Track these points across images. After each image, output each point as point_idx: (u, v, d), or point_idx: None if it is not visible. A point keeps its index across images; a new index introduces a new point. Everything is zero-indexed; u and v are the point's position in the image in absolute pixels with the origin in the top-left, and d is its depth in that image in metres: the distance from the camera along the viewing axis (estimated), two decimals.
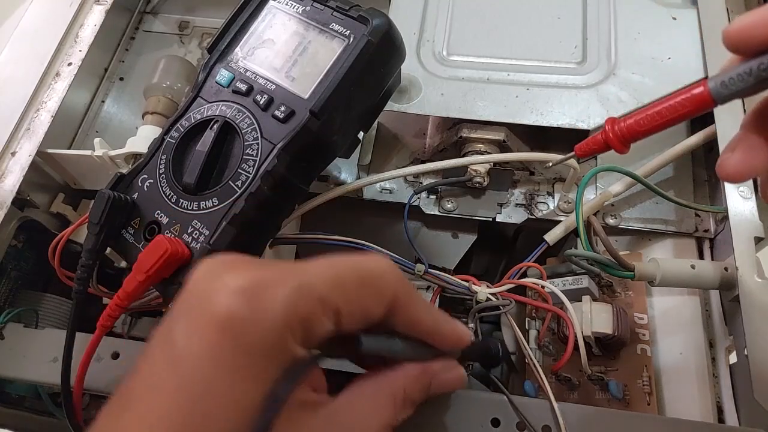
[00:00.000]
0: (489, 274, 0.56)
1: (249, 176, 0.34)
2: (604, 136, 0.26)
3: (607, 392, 0.38)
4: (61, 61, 0.51)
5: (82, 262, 0.35)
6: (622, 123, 0.26)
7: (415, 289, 0.28)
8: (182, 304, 0.23)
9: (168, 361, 0.22)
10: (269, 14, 0.39)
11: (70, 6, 0.54)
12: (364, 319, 0.25)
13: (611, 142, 0.26)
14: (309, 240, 0.40)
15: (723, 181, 0.25)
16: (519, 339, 0.38)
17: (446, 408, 0.34)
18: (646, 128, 0.25)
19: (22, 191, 0.45)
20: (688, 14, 0.47)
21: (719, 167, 0.24)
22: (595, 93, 0.44)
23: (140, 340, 0.51)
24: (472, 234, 0.48)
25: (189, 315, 0.22)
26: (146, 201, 0.36)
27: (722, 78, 0.23)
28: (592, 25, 0.48)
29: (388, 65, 0.37)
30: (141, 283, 0.32)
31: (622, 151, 0.26)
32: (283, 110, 0.35)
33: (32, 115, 0.48)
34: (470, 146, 0.44)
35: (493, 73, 0.46)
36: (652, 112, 0.25)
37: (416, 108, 0.45)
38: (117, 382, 0.38)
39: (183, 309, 0.23)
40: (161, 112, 0.48)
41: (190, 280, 0.23)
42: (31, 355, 0.40)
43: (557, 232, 0.42)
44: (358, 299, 0.24)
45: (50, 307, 0.48)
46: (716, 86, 0.23)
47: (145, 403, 0.21)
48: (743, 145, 0.24)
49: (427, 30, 0.49)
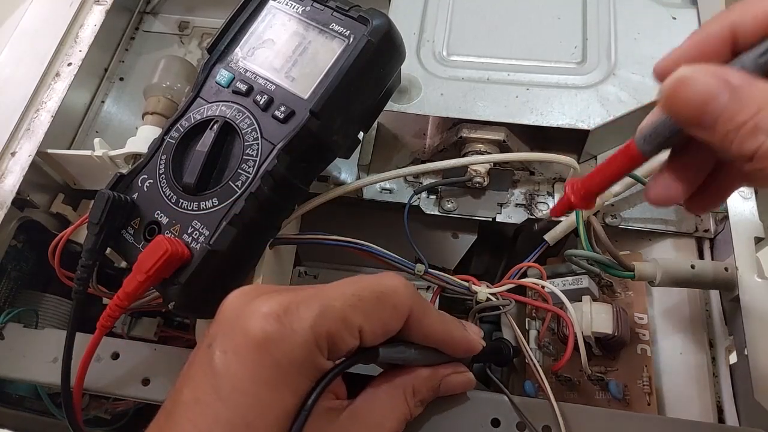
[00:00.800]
0: (489, 274, 0.56)
1: (249, 176, 0.34)
2: (566, 198, 0.28)
3: (607, 392, 0.38)
4: (61, 61, 0.51)
5: (82, 262, 0.35)
6: (579, 182, 0.27)
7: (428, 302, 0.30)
8: (217, 331, 0.26)
9: (210, 382, 0.24)
10: (269, 14, 0.39)
11: (70, 6, 0.54)
12: (384, 333, 0.28)
13: (574, 203, 0.27)
14: (309, 240, 0.40)
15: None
16: (519, 339, 0.38)
17: (446, 408, 0.34)
18: (599, 184, 0.26)
19: (22, 191, 0.44)
20: (688, 14, 0.47)
21: (644, 192, 0.26)
22: (595, 93, 0.44)
23: (140, 340, 0.51)
24: (472, 234, 0.47)
25: (225, 339, 0.25)
26: (146, 201, 0.36)
27: (645, 132, 0.23)
28: (592, 25, 0.48)
29: (388, 65, 0.37)
30: (141, 284, 0.32)
31: (588, 207, 0.28)
32: (283, 110, 0.35)
33: (32, 115, 0.48)
34: (470, 146, 0.44)
35: (493, 73, 0.46)
36: (599, 168, 0.26)
37: (416, 108, 0.45)
38: (117, 383, 0.38)
39: (219, 334, 0.26)
40: (161, 113, 0.48)
41: (221, 309, 0.27)
42: (31, 355, 0.40)
43: (557, 232, 0.42)
44: (378, 316, 0.27)
45: (50, 307, 0.48)
46: (640, 141, 0.24)
47: (189, 419, 0.24)
48: (663, 177, 0.25)
49: (427, 30, 0.49)
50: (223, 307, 0.27)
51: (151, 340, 0.52)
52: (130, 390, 0.38)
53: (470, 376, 0.33)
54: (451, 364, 0.32)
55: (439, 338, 0.30)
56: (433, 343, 0.31)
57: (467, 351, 0.32)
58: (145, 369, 0.39)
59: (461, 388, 0.33)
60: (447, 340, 0.31)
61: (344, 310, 0.26)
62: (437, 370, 0.31)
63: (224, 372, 0.24)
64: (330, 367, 0.26)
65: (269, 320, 0.25)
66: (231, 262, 0.34)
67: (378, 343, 0.28)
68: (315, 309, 0.25)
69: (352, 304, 0.26)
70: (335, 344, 0.26)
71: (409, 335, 0.29)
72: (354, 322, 0.26)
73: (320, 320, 0.25)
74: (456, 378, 0.32)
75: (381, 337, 0.28)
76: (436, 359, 0.32)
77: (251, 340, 0.24)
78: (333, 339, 0.26)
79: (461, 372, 0.33)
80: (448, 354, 0.32)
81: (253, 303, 0.25)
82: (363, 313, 0.26)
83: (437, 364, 0.32)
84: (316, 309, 0.25)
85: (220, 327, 0.26)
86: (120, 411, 0.53)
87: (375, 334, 0.27)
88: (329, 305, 0.26)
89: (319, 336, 0.25)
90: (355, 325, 0.26)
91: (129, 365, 0.39)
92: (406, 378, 0.30)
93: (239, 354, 0.24)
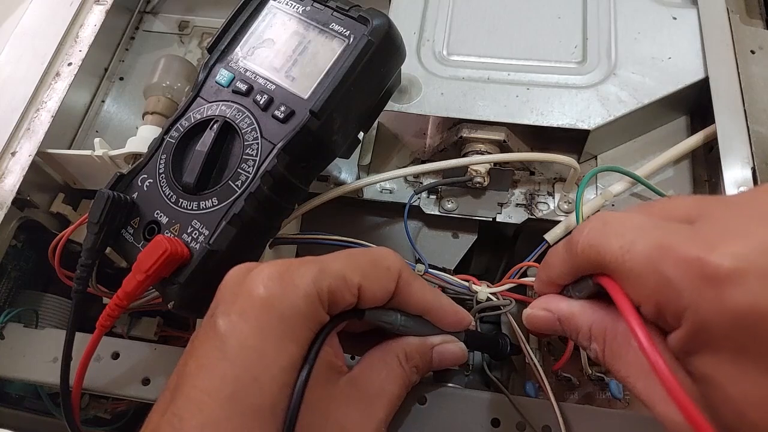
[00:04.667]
0: (489, 274, 0.56)
1: (249, 176, 0.34)
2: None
3: (607, 392, 0.38)
4: (61, 61, 0.51)
5: (81, 261, 0.35)
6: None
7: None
8: (219, 301, 0.27)
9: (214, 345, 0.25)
10: (269, 14, 0.39)
11: (70, 6, 0.54)
12: (381, 293, 0.29)
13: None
14: (309, 240, 0.40)
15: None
16: (519, 339, 0.38)
17: (446, 408, 0.34)
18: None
19: (22, 191, 0.45)
20: (688, 14, 0.47)
21: (523, 318, 0.31)
22: (596, 93, 0.44)
23: (140, 339, 0.51)
24: (472, 234, 0.47)
25: (228, 305, 0.26)
26: (146, 201, 0.36)
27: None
28: (592, 25, 0.48)
29: (388, 65, 0.37)
30: (140, 283, 0.32)
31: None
32: (283, 110, 0.35)
33: (32, 115, 0.48)
34: (470, 146, 0.44)
35: (493, 72, 0.46)
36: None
37: (416, 108, 0.45)
38: (116, 383, 0.39)
39: (221, 303, 0.26)
40: (161, 112, 0.48)
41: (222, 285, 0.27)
42: (31, 355, 0.40)
43: (557, 232, 0.42)
44: (374, 275, 0.28)
45: (50, 307, 0.48)
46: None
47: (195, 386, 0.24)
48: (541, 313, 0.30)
49: (427, 30, 0.49)
50: (223, 282, 0.28)
51: (151, 339, 0.52)
52: (130, 390, 0.38)
53: (462, 345, 0.33)
54: (441, 335, 0.33)
55: (429, 304, 0.31)
56: (424, 308, 0.31)
57: (456, 322, 0.33)
58: (145, 369, 0.39)
59: (453, 358, 0.33)
60: (436, 307, 0.32)
61: (343, 269, 0.27)
62: (427, 338, 0.32)
63: (229, 333, 0.25)
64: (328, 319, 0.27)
65: (272, 279, 0.26)
66: (231, 262, 0.34)
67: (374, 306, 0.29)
68: (315, 268, 0.26)
69: (349, 264, 0.28)
70: (335, 300, 0.27)
71: (400, 301, 0.30)
72: (353, 280, 0.27)
73: (321, 276, 0.26)
74: (447, 347, 0.33)
75: (378, 298, 0.29)
76: (426, 330, 0.32)
77: (256, 299, 0.25)
78: (333, 295, 0.27)
79: (452, 341, 0.33)
80: (437, 324, 0.32)
81: (252, 271, 0.27)
82: (360, 273, 0.28)
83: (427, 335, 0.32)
84: (316, 268, 0.26)
85: (222, 297, 0.27)
86: (120, 411, 0.53)
87: (373, 294, 0.28)
88: (328, 265, 0.27)
89: (320, 290, 0.26)
90: (354, 283, 0.27)
91: (129, 365, 0.39)
92: (396, 344, 0.31)
93: (244, 314, 0.25)
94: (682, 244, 0.20)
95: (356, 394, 0.29)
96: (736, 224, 0.20)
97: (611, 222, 0.24)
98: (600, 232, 0.24)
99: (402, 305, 0.30)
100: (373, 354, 0.31)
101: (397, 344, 0.31)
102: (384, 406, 0.29)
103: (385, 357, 0.31)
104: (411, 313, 0.31)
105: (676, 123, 0.47)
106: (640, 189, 0.44)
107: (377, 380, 0.30)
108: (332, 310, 0.27)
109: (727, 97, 0.43)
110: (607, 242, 0.23)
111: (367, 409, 0.29)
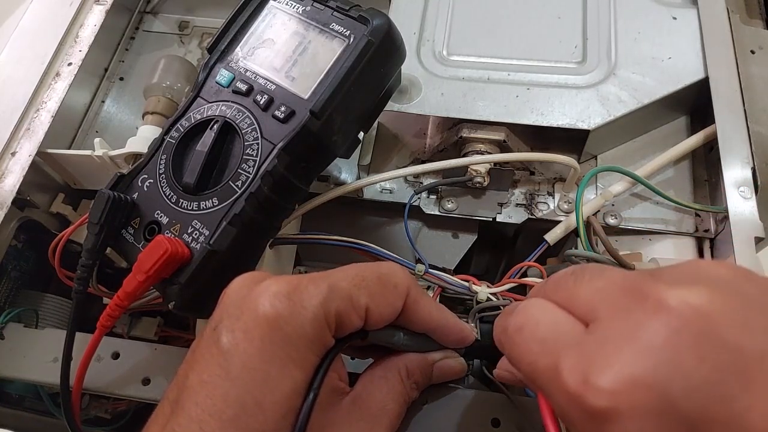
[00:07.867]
0: (489, 274, 0.56)
1: (249, 176, 0.34)
2: None
3: None
4: (61, 61, 0.51)
5: (82, 262, 0.35)
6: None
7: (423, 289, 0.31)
8: (223, 313, 0.26)
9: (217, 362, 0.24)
10: (269, 14, 0.39)
11: (70, 6, 0.54)
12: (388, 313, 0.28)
13: None
14: (309, 240, 0.40)
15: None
16: None
17: (446, 408, 0.34)
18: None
19: (22, 191, 0.44)
20: (688, 14, 0.47)
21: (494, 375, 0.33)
22: (596, 93, 0.44)
23: (140, 339, 0.51)
24: (472, 234, 0.47)
25: (233, 320, 0.25)
26: (146, 201, 0.36)
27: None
28: (592, 25, 0.48)
29: (388, 65, 0.37)
30: (141, 283, 0.32)
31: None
32: (283, 110, 0.35)
33: (32, 115, 0.48)
34: (470, 146, 0.44)
35: (493, 72, 0.46)
36: None
37: (416, 108, 0.45)
38: (117, 382, 0.39)
39: (225, 316, 0.25)
40: (161, 112, 0.48)
41: (225, 294, 0.27)
42: (31, 355, 0.40)
43: (557, 232, 0.42)
44: (381, 294, 0.28)
45: (50, 307, 0.48)
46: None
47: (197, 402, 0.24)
48: (505, 374, 0.32)
49: (427, 30, 0.49)
50: (227, 292, 0.27)
51: (152, 339, 0.52)
52: (130, 390, 0.38)
53: (461, 361, 0.33)
54: (442, 350, 0.33)
55: (435, 322, 0.31)
56: (429, 326, 0.31)
57: (460, 339, 0.32)
58: (146, 369, 0.39)
59: (453, 373, 0.33)
60: (442, 325, 0.31)
61: (350, 289, 0.26)
62: (428, 354, 0.32)
63: (233, 351, 0.24)
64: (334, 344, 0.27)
65: (279, 298, 0.25)
66: (231, 262, 0.34)
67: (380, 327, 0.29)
68: (323, 288, 0.26)
69: (357, 284, 0.27)
70: (342, 323, 0.26)
71: (406, 319, 0.30)
72: (360, 301, 0.27)
73: (329, 297, 0.26)
74: (448, 363, 0.33)
75: (385, 318, 0.28)
76: (427, 347, 0.32)
77: (261, 318, 0.25)
78: (341, 317, 0.26)
79: (452, 357, 0.33)
80: (441, 341, 0.32)
81: (259, 285, 0.26)
82: (368, 293, 0.27)
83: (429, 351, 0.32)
84: (325, 288, 0.26)
85: (225, 309, 0.26)
86: (120, 411, 0.53)
87: (380, 314, 0.28)
88: (337, 285, 0.26)
89: (328, 313, 0.25)
90: (362, 305, 0.27)
91: (129, 365, 0.39)
92: (398, 360, 0.31)
93: (248, 332, 0.24)
94: (569, 370, 0.20)
95: (358, 414, 0.28)
96: (615, 345, 0.19)
97: (526, 326, 0.23)
98: (515, 340, 0.24)
99: (407, 323, 0.30)
100: (374, 371, 0.31)
101: (399, 360, 0.31)
102: (385, 425, 0.29)
103: (386, 374, 0.31)
104: (416, 330, 0.31)
105: (676, 123, 0.47)
106: (640, 189, 0.44)
107: (379, 397, 0.30)
108: (338, 333, 0.27)
109: (727, 97, 0.43)
110: (518, 354, 0.23)
111: (370, 429, 0.28)
